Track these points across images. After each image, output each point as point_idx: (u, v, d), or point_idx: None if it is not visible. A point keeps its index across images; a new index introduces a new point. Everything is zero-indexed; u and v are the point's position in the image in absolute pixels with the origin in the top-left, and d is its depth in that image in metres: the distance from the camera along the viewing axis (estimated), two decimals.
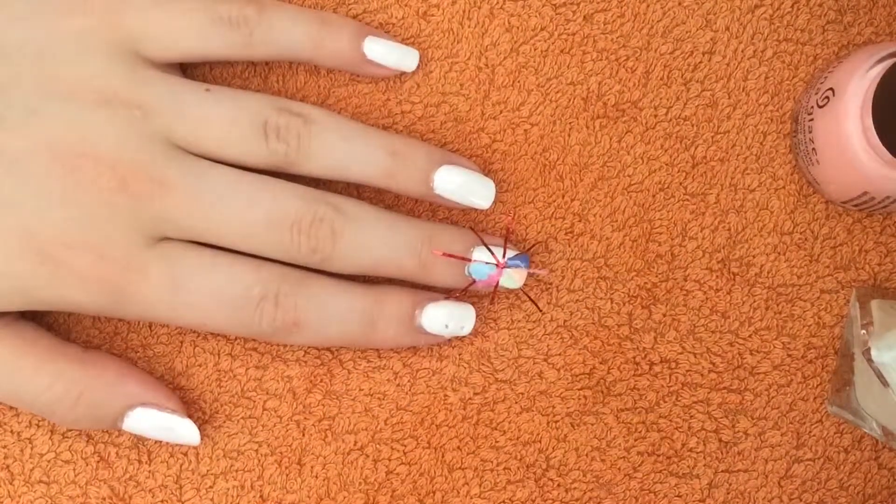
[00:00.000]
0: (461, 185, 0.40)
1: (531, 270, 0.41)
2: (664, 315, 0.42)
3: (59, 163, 0.37)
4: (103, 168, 0.37)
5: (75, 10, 0.38)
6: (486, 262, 0.40)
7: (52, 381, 0.39)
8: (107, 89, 0.38)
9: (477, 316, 0.42)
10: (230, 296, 0.38)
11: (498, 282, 0.40)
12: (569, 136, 0.43)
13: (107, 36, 0.38)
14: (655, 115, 0.43)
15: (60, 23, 0.38)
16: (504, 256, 0.40)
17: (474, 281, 0.40)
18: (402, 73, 0.42)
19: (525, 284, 0.41)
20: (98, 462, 0.42)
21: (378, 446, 0.42)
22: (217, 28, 0.39)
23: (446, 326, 0.40)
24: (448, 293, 0.41)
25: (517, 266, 0.40)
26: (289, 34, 0.40)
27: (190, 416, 0.42)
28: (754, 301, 0.42)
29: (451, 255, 0.39)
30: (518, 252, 0.40)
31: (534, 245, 0.42)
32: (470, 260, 0.40)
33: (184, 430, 0.40)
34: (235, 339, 0.42)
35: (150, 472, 0.42)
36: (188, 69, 0.42)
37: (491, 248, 0.40)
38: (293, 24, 0.40)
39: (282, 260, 0.39)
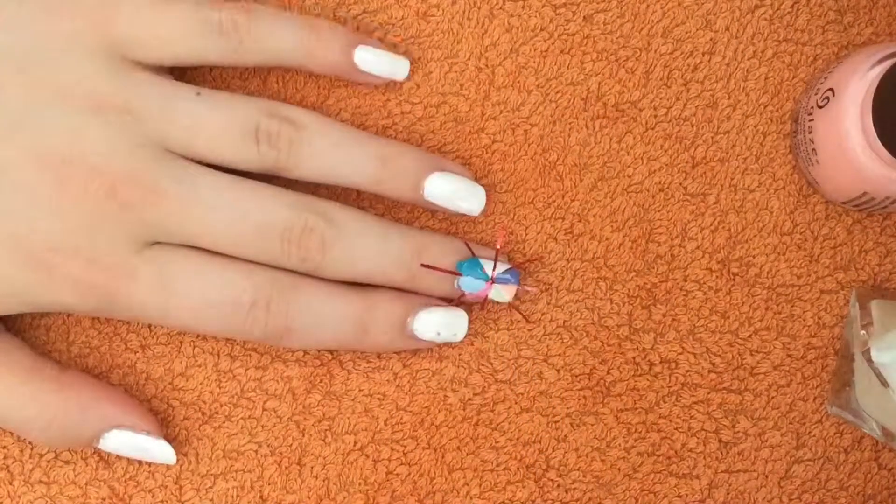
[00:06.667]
0: (451, 193, 0.40)
1: (520, 287, 0.41)
2: (664, 315, 0.42)
3: (48, 171, 0.37)
4: (93, 176, 0.37)
5: (62, 13, 0.38)
6: (476, 278, 0.40)
7: (25, 402, 0.39)
8: (96, 94, 0.38)
9: (475, 317, 0.42)
10: (220, 302, 0.38)
11: (487, 296, 0.40)
12: (568, 136, 0.43)
13: (95, 39, 0.38)
14: (655, 116, 0.43)
15: (47, 26, 0.38)
16: (494, 270, 0.40)
17: (464, 294, 0.40)
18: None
19: (519, 288, 0.41)
20: (98, 462, 0.42)
21: (378, 447, 0.42)
22: (207, 34, 0.39)
23: (438, 334, 0.40)
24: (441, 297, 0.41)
25: (507, 282, 0.40)
26: (279, 42, 0.40)
27: (189, 417, 0.42)
28: (754, 301, 0.42)
29: (439, 269, 0.40)
30: (509, 266, 0.41)
31: (529, 261, 0.42)
32: (459, 274, 0.40)
33: (159, 452, 0.40)
34: (235, 339, 0.42)
35: (149, 472, 0.42)
36: (189, 68, 0.42)
37: (482, 261, 0.40)
38: (283, 33, 0.40)
39: (273, 265, 0.39)
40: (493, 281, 0.40)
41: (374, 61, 0.41)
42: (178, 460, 0.42)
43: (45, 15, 0.38)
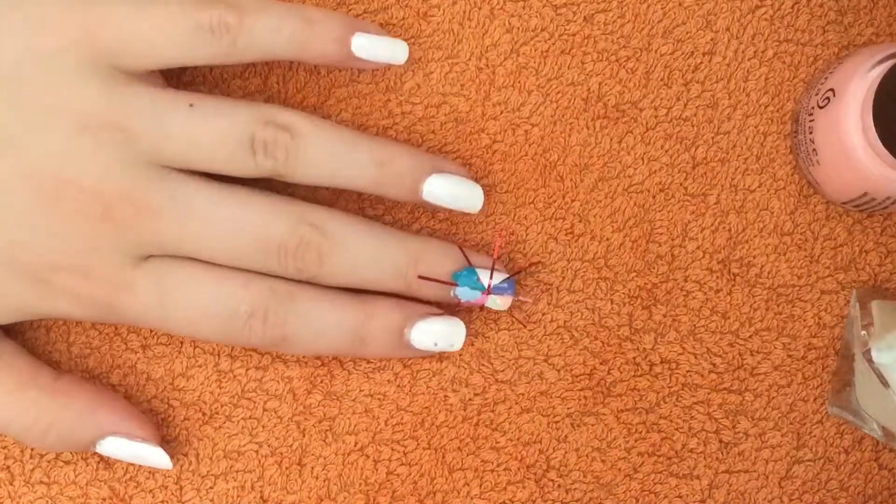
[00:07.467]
0: (450, 193, 0.40)
1: (517, 298, 0.41)
2: (664, 316, 0.42)
3: (41, 193, 0.37)
4: (87, 197, 0.37)
5: (47, 29, 0.37)
6: (472, 288, 0.40)
7: (22, 409, 0.39)
8: (86, 113, 0.37)
9: (475, 317, 0.42)
10: (218, 312, 0.38)
11: (483, 304, 0.40)
12: (569, 136, 0.43)
13: (82, 54, 0.37)
14: (656, 116, 0.43)
15: (33, 44, 0.37)
16: (490, 279, 0.40)
17: (460, 301, 0.40)
18: (401, 72, 0.42)
19: (514, 298, 0.41)
20: (98, 463, 0.42)
21: (378, 447, 0.42)
22: (199, 36, 0.38)
23: (435, 344, 0.40)
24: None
25: (503, 292, 0.40)
26: (273, 37, 0.39)
27: (189, 418, 0.42)
28: (755, 302, 0.42)
29: (436, 280, 0.39)
30: (506, 276, 0.40)
31: (528, 266, 0.42)
32: (456, 285, 0.40)
33: (154, 458, 0.40)
34: None
35: (150, 472, 0.42)
36: (188, 69, 0.42)
37: (479, 270, 0.40)
38: (277, 27, 0.39)
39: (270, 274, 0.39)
40: (489, 292, 0.40)
41: (373, 47, 0.40)
42: (178, 461, 0.42)
43: (31, 32, 0.37)
